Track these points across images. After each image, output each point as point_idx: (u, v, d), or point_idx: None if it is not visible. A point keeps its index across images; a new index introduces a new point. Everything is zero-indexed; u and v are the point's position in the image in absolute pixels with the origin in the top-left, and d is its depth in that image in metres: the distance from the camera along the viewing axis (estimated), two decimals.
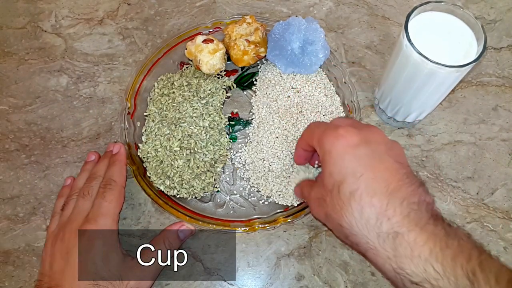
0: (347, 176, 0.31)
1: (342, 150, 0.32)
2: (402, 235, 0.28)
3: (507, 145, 0.51)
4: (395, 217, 0.29)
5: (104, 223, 0.40)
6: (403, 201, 0.29)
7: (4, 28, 0.59)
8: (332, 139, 0.33)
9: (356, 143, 0.32)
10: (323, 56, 0.51)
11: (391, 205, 0.29)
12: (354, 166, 0.31)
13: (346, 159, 0.31)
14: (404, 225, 0.28)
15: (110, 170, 0.44)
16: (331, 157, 0.32)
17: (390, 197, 0.29)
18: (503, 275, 0.27)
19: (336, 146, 0.32)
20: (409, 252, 0.28)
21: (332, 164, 0.32)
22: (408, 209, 0.29)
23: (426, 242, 0.28)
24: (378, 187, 0.30)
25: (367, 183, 0.30)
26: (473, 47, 0.41)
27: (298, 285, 0.44)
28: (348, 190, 0.30)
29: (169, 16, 0.60)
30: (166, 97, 0.50)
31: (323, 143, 0.33)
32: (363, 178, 0.30)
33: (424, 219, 0.29)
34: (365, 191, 0.30)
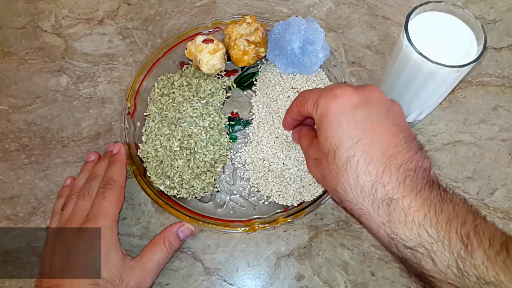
0: (344, 141, 0.30)
1: (340, 111, 0.30)
2: (396, 201, 0.28)
3: (507, 145, 0.51)
4: (391, 183, 0.28)
5: (104, 223, 0.40)
6: (400, 167, 0.29)
7: (4, 28, 0.59)
8: (329, 99, 0.31)
9: (355, 104, 0.30)
10: (323, 56, 0.51)
11: (387, 172, 0.29)
12: (351, 130, 0.30)
13: (344, 122, 0.30)
14: (399, 191, 0.28)
15: (110, 170, 0.44)
16: (327, 119, 0.31)
17: (387, 163, 0.29)
18: (497, 238, 0.27)
19: (333, 106, 0.31)
20: (403, 217, 0.28)
21: (328, 126, 0.31)
22: (404, 175, 0.29)
23: (420, 207, 0.28)
24: (375, 153, 0.29)
25: (364, 149, 0.29)
26: (473, 47, 0.41)
27: (298, 285, 0.44)
28: (345, 155, 0.29)
29: (169, 16, 0.60)
30: (166, 97, 0.50)
31: (319, 105, 0.32)
32: (360, 143, 0.29)
33: (419, 185, 0.29)
34: (361, 157, 0.29)
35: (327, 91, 0.32)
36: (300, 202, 0.46)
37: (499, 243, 0.26)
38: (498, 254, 0.26)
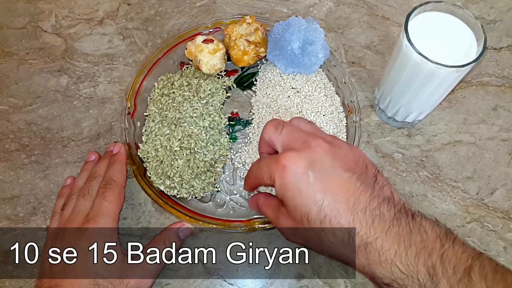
0: (310, 207, 0.31)
1: (294, 180, 0.32)
2: (370, 244, 0.30)
3: (507, 145, 0.51)
4: (362, 229, 0.30)
5: (105, 222, 0.40)
6: (365, 210, 0.31)
7: (4, 28, 0.59)
8: (280, 173, 0.33)
9: (303, 169, 0.32)
10: (323, 56, 0.51)
11: (356, 219, 0.30)
12: (311, 194, 0.31)
13: (302, 190, 0.32)
14: (371, 234, 0.30)
15: (110, 170, 0.44)
16: (288, 191, 0.32)
17: (353, 212, 0.31)
18: (462, 263, 0.28)
19: (287, 179, 0.32)
20: (377, 257, 0.30)
21: (291, 198, 0.32)
22: (371, 217, 0.30)
23: (391, 245, 0.29)
24: (339, 206, 0.31)
25: (330, 207, 0.31)
26: (473, 47, 0.41)
27: (298, 285, 0.44)
28: (317, 219, 0.31)
29: (169, 16, 0.60)
30: (166, 97, 0.50)
31: (275, 179, 0.33)
32: (324, 204, 0.31)
33: (387, 222, 0.30)
34: (331, 215, 0.31)
35: (276, 163, 0.33)
36: None
37: (463, 269, 0.28)
38: (461, 281, 0.27)
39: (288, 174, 0.32)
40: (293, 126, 0.36)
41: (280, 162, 0.33)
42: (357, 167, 0.33)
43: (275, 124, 0.36)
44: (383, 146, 0.51)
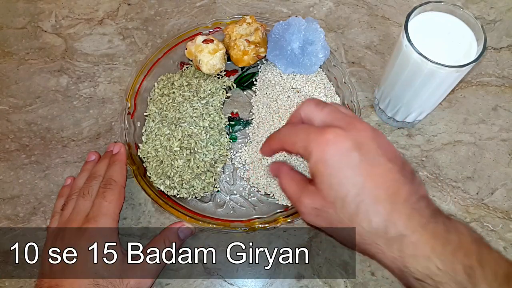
0: (349, 188, 0.30)
1: (337, 158, 0.31)
2: (407, 237, 0.29)
3: (507, 145, 0.51)
4: (400, 220, 0.30)
5: (105, 222, 0.40)
6: (405, 202, 0.30)
7: (4, 28, 0.59)
8: (323, 146, 0.31)
9: (348, 149, 0.31)
10: (323, 56, 0.51)
11: (395, 210, 0.30)
12: (353, 176, 0.31)
13: (344, 169, 0.31)
14: (409, 227, 0.29)
15: (110, 170, 0.44)
16: (327, 167, 0.31)
17: (392, 201, 0.30)
18: (501, 268, 0.28)
19: (329, 154, 0.31)
20: (413, 251, 0.29)
21: (329, 175, 0.31)
22: (409, 210, 0.30)
23: (428, 241, 0.29)
24: (380, 193, 0.30)
25: (369, 192, 0.30)
26: (473, 47, 0.41)
27: (298, 285, 0.44)
28: (353, 202, 0.30)
29: (169, 16, 0.60)
30: (166, 97, 0.50)
31: (312, 151, 0.32)
32: (365, 187, 0.30)
33: (425, 218, 0.30)
34: (369, 201, 0.30)
35: (318, 134, 0.32)
36: None
37: (503, 275, 0.28)
38: (501, 286, 0.27)
39: (331, 149, 0.31)
40: (334, 107, 0.34)
41: (324, 135, 0.31)
42: (398, 160, 0.32)
43: (315, 102, 0.35)
44: None
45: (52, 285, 0.37)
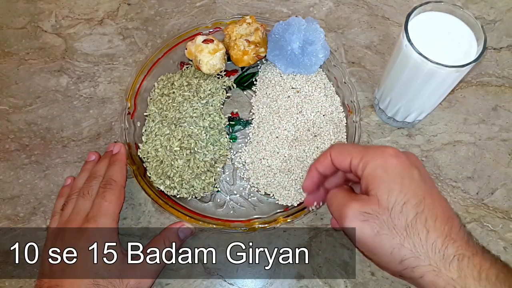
0: (411, 197, 0.31)
1: (400, 169, 0.31)
2: (468, 258, 0.29)
3: (507, 145, 0.51)
4: (458, 241, 0.30)
5: (104, 222, 0.40)
6: (460, 228, 0.31)
7: (4, 28, 0.59)
8: (385, 157, 0.32)
9: (409, 165, 0.32)
10: (323, 56, 0.51)
11: (453, 230, 0.30)
12: (415, 188, 0.31)
13: (406, 180, 0.31)
14: (468, 249, 0.30)
15: (110, 170, 0.44)
16: (387, 174, 0.31)
17: (450, 223, 0.30)
18: None
19: (392, 164, 0.32)
20: (476, 274, 0.29)
21: (390, 182, 0.31)
22: (466, 235, 0.31)
23: (490, 266, 0.29)
24: (438, 212, 0.31)
25: (429, 207, 0.30)
26: (473, 47, 0.41)
27: (298, 285, 0.44)
28: (413, 211, 0.30)
29: (169, 16, 0.60)
30: (166, 97, 0.50)
31: (371, 161, 0.32)
32: (425, 201, 0.31)
33: (478, 246, 0.30)
34: (428, 214, 0.30)
35: (378, 149, 0.33)
36: (300, 202, 0.46)
37: None
38: None
39: (394, 160, 0.32)
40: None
41: (385, 149, 0.33)
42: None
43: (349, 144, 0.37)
44: None
45: (52, 285, 0.37)
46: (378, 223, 0.31)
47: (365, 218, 0.32)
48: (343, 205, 0.33)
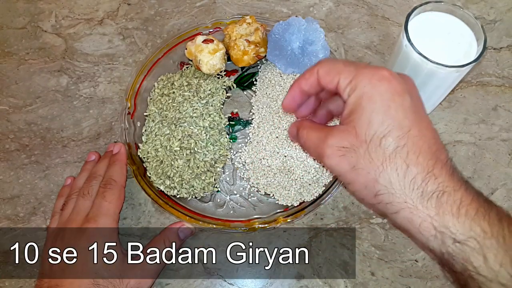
0: (393, 129, 0.28)
1: (388, 96, 0.28)
2: (448, 194, 0.27)
3: (507, 145, 0.51)
4: (441, 176, 0.28)
5: (104, 222, 0.40)
6: (446, 162, 0.28)
7: (4, 28, 0.59)
8: (374, 81, 0.28)
9: (401, 91, 0.28)
10: (323, 56, 0.51)
11: (437, 165, 0.28)
12: (401, 118, 0.28)
13: (392, 109, 0.28)
14: (450, 184, 0.27)
15: (110, 170, 0.44)
16: (372, 103, 0.28)
17: (435, 157, 0.28)
18: None
19: (380, 89, 0.28)
20: (455, 210, 0.27)
21: (373, 111, 0.28)
22: (451, 170, 0.28)
23: (471, 201, 0.27)
24: (423, 145, 0.28)
25: (413, 140, 0.28)
26: (473, 47, 0.42)
27: (298, 285, 0.44)
28: (393, 144, 0.28)
29: (169, 16, 0.60)
30: (166, 97, 0.50)
31: (358, 84, 0.29)
32: (410, 134, 0.28)
33: (463, 179, 0.28)
34: (411, 148, 0.28)
35: (369, 70, 0.29)
36: (300, 202, 0.46)
37: None
38: None
39: (384, 85, 0.28)
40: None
41: (379, 71, 0.29)
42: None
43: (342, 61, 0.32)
44: None
45: (52, 285, 0.37)
46: (355, 157, 0.29)
47: (342, 153, 0.29)
48: (319, 143, 0.31)
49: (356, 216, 0.47)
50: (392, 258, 0.45)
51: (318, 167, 0.47)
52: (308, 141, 0.33)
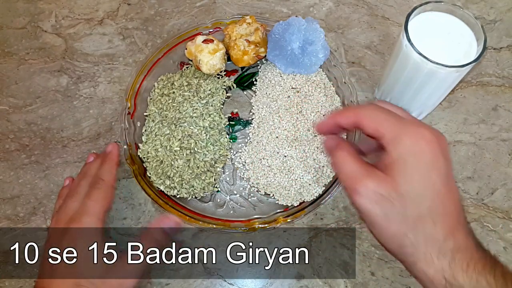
0: (428, 189, 0.31)
1: (429, 158, 0.31)
2: (462, 251, 0.30)
3: (507, 145, 0.51)
4: (459, 236, 0.31)
5: (88, 222, 0.40)
6: (464, 224, 0.31)
7: (4, 28, 0.59)
8: (418, 139, 0.31)
9: (440, 154, 0.31)
10: (323, 56, 0.51)
11: (459, 226, 0.31)
12: (437, 182, 0.31)
13: (431, 172, 0.31)
14: (464, 243, 0.30)
15: (100, 169, 0.44)
16: (415, 162, 0.31)
17: (457, 218, 0.31)
18: None
19: (423, 149, 0.31)
20: (465, 266, 0.30)
21: (414, 171, 0.31)
22: (468, 231, 0.31)
23: (480, 259, 0.30)
24: (450, 207, 0.31)
25: (443, 200, 0.31)
26: (473, 47, 0.41)
27: (298, 285, 0.44)
28: (428, 205, 0.30)
29: (169, 16, 0.60)
30: (166, 97, 0.50)
31: (403, 140, 0.31)
32: (442, 197, 0.31)
33: (474, 239, 0.31)
34: (441, 211, 0.31)
35: (414, 128, 0.32)
36: (300, 202, 0.46)
37: None
38: None
39: (426, 146, 0.31)
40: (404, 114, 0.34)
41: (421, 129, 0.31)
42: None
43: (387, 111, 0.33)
44: None
45: (39, 286, 0.38)
46: (389, 207, 0.31)
47: (378, 200, 0.31)
48: (356, 179, 0.32)
49: (356, 216, 0.47)
50: (392, 258, 0.44)
51: (318, 167, 0.47)
52: (343, 168, 0.34)
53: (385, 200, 0.31)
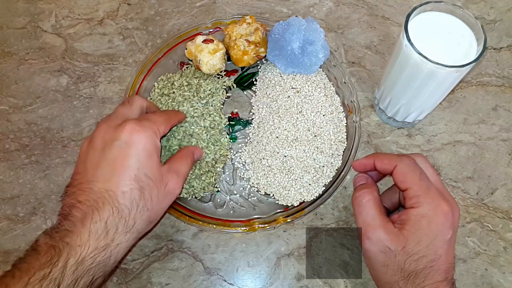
0: (430, 253, 0.35)
1: (440, 228, 0.35)
2: None
3: (507, 145, 0.51)
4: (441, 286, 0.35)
5: (148, 125, 0.37)
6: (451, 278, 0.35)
7: (4, 28, 0.59)
8: (436, 209, 0.35)
9: (449, 226, 0.35)
10: (323, 56, 0.51)
11: (445, 281, 0.34)
12: (439, 248, 0.35)
13: (438, 239, 0.35)
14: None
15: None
16: (428, 228, 0.35)
17: (446, 275, 0.35)
18: None
19: (437, 219, 0.35)
20: None
21: (425, 233, 0.35)
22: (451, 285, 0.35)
23: None
24: (444, 267, 0.35)
25: (439, 263, 0.35)
26: (473, 47, 0.41)
27: (298, 285, 0.44)
28: (424, 264, 0.34)
29: (169, 16, 0.60)
30: (166, 97, 0.50)
31: (424, 205, 0.35)
32: (440, 260, 0.35)
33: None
34: (435, 268, 0.34)
35: (437, 197, 0.36)
36: (300, 202, 0.46)
37: None
38: None
39: (441, 218, 0.35)
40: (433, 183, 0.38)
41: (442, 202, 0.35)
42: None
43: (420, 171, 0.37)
44: (383, 146, 0.51)
45: (83, 181, 0.35)
46: (392, 259, 0.35)
47: (384, 250, 0.35)
48: (371, 226, 0.36)
49: None
50: None
51: (318, 167, 0.47)
52: (363, 211, 0.38)
53: (390, 252, 0.35)
